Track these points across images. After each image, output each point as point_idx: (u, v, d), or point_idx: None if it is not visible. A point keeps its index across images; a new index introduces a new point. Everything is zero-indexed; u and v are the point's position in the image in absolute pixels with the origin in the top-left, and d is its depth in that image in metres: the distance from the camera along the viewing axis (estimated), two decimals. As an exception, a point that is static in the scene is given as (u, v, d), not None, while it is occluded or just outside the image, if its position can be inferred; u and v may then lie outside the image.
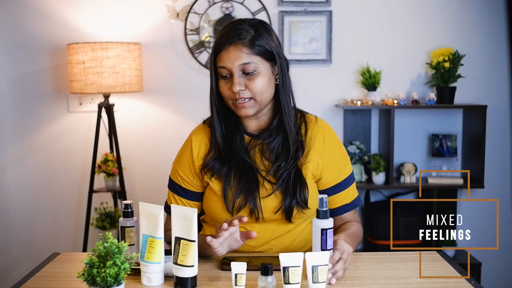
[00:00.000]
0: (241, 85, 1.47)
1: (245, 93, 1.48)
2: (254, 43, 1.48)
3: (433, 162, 3.13)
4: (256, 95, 1.48)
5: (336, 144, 1.60)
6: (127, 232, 1.43)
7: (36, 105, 3.11)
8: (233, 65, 1.47)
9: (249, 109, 1.50)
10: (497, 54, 3.11)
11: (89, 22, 3.06)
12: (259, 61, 1.48)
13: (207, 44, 3.07)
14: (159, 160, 3.14)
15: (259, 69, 1.48)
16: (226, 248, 1.42)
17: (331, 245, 1.29)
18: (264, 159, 1.54)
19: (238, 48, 1.47)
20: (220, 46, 1.48)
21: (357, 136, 3.11)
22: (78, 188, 3.16)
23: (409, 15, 3.10)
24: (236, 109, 1.51)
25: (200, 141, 1.59)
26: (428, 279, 1.33)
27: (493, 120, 3.10)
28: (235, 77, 1.47)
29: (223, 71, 1.49)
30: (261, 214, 1.51)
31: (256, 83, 1.48)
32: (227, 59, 1.47)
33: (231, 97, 1.49)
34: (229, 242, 1.42)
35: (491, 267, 3.16)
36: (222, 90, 1.51)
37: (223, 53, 1.48)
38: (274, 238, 1.55)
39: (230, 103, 1.51)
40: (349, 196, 1.60)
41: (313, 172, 1.55)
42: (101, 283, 1.09)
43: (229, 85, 1.49)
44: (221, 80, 1.51)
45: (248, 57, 1.47)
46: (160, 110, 3.12)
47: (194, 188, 1.60)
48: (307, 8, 3.07)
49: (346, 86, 3.12)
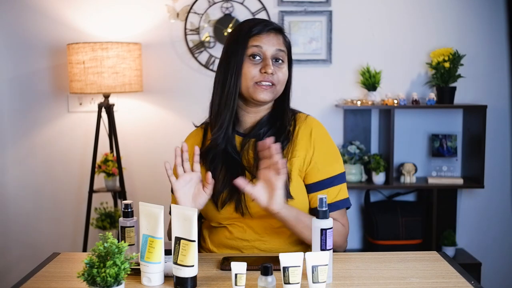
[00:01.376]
0: (273, 69, 1.53)
1: (273, 78, 1.54)
2: (286, 37, 1.61)
3: (433, 162, 3.13)
4: (279, 82, 1.55)
5: (324, 141, 1.59)
6: (127, 232, 1.43)
7: (36, 105, 3.11)
8: (270, 48, 1.54)
9: (269, 93, 1.55)
10: (497, 54, 3.11)
11: (89, 22, 3.06)
12: (286, 54, 1.59)
13: (207, 44, 3.07)
14: (159, 160, 3.13)
15: (285, 61, 1.58)
16: (189, 198, 1.47)
17: (330, 245, 1.29)
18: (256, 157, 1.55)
19: (278, 35, 1.57)
20: (260, 29, 1.55)
21: (357, 136, 3.11)
22: (78, 188, 3.16)
23: (409, 15, 3.10)
24: (257, 92, 1.53)
25: (192, 142, 1.64)
26: (428, 279, 1.33)
27: (493, 120, 3.10)
28: (268, 60, 1.53)
29: (256, 50, 1.53)
30: (247, 210, 1.53)
31: (283, 71, 1.56)
32: (267, 41, 1.54)
33: (257, 78, 1.53)
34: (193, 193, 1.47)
35: (491, 267, 3.16)
36: (247, 71, 1.54)
37: (263, 36, 1.54)
38: (265, 234, 1.55)
39: (251, 84, 1.53)
40: (332, 195, 1.56)
41: (299, 168, 1.55)
42: (101, 283, 1.09)
43: (259, 66, 1.53)
44: (248, 61, 1.54)
45: (283, 46, 1.58)
46: (160, 110, 3.12)
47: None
48: (307, 8, 3.07)
49: (346, 86, 3.12)
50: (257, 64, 1.54)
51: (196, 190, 1.48)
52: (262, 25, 1.55)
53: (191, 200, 1.48)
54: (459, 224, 3.18)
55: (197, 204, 1.48)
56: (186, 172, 1.47)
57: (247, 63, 1.54)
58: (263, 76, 1.52)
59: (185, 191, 1.47)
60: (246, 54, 1.54)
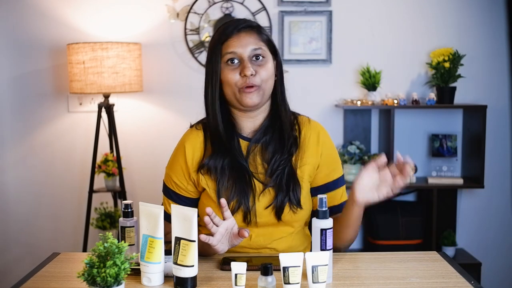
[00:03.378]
0: (252, 70, 1.47)
1: (255, 79, 1.48)
2: (261, 31, 1.53)
3: (433, 162, 3.13)
4: (263, 82, 1.49)
5: (329, 145, 1.60)
6: (127, 232, 1.43)
7: (36, 105, 3.11)
8: (244, 50, 1.48)
9: (255, 97, 1.48)
10: (497, 54, 3.11)
11: (89, 22, 3.06)
12: (266, 50, 1.52)
13: (207, 44, 3.07)
14: (159, 160, 3.14)
15: (266, 57, 1.51)
16: (226, 244, 1.41)
17: (330, 245, 1.29)
18: (264, 163, 1.53)
19: (249, 34, 1.50)
20: (229, 33, 1.49)
21: (357, 136, 3.11)
22: (78, 188, 3.16)
23: (409, 15, 3.10)
24: (243, 97, 1.48)
25: (193, 146, 1.56)
26: (428, 279, 1.33)
27: (493, 120, 3.10)
28: (246, 62, 1.47)
29: (230, 56, 1.48)
30: (255, 218, 1.50)
31: (265, 69, 1.49)
32: (238, 44, 1.48)
33: (239, 84, 1.48)
34: (228, 238, 1.41)
35: (491, 267, 3.16)
36: (227, 78, 1.49)
37: (233, 39, 1.49)
38: (272, 242, 1.54)
39: (236, 90, 1.49)
40: (337, 197, 1.58)
41: (310, 174, 1.55)
42: (101, 283, 1.09)
43: (238, 71, 1.48)
44: (227, 68, 1.49)
45: (259, 43, 1.50)
46: (160, 110, 3.12)
47: (188, 194, 1.58)
48: (307, 8, 3.07)
49: (346, 86, 3.12)
50: (236, 68, 1.48)
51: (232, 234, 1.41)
52: (231, 28, 1.49)
53: (228, 245, 1.42)
54: (459, 224, 3.18)
55: (232, 245, 1.43)
56: (219, 225, 1.37)
57: (225, 70, 1.49)
58: (244, 79, 1.47)
59: (223, 240, 1.40)
60: (222, 61, 1.50)
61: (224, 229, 1.39)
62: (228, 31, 1.49)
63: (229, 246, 1.43)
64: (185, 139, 1.59)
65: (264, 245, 1.55)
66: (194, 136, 1.58)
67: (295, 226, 1.56)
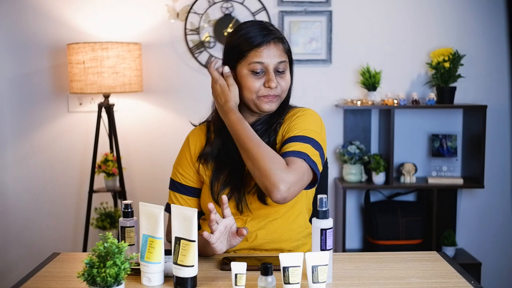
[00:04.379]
0: (276, 82, 1.50)
1: (276, 90, 1.51)
2: (285, 42, 1.55)
3: (433, 162, 3.13)
4: (283, 92, 1.53)
5: (302, 115, 1.55)
6: (127, 232, 1.43)
7: (36, 105, 3.11)
8: (271, 62, 1.49)
9: (275, 104, 1.53)
10: (497, 54, 3.11)
11: (89, 22, 3.06)
12: (287, 61, 1.54)
13: (207, 44, 3.07)
14: (159, 160, 3.14)
15: (287, 68, 1.54)
16: (225, 244, 1.43)
17: (330, 245, 1.29)
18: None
19: (277, 45, 1.51)
20: (260, 42, 1.49)
21: (357, 136, 3.11)
22: (78, 188, 3.16)
23: (409, 15, 3.10)
24: (262, 104, 1.51)
25: (196, 139, 1.64)
26: (428, 279, 1.33)
27: (493, 120, 3.10)
28: (271, 74, 1.49)
29: (259, 66, 1.49)
30: (247, 207, 1.53)
31: (286, 81, 1.53)
32: (267, 55, 1.49)
33: (262, 92, 1.50)
34: (227, 238, 1.43)
35: (491, 267, 3.16)
36: (249, 84, 1.50)
37: (263, 49, 1.49)
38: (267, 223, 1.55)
39: (255, 97, 1.51)
40: (297, 147, 1.45)
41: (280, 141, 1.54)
42: (101, 283, 1.09)
43: (262, 81, 1.50)
44: (251, 75, 1.50)
45: (283, 56, 1.52)
46: (160, 110, 3.12)
47: (193, 184, 1.63)
48: (307, 8, 3.07)
49: (346, 86, 3.12)
50: (260, 78, 1.50)
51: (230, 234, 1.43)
52: (261, 36, 1.49)
53: (226, 245, 1.44)
54: (459, 224, 3.18)
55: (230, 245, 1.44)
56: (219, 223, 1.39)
57: (249, 76, 1.50)
58: (267, 90, 1.50)
59: (222, 239, 1.42)
60: (247, 67, 1.50)
61: (224, 227, 1.41)
62: (258, 39, 1.49)
63: (228, 246, 1.44)
64: (190, 134, 1.68)
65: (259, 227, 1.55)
66: (197, 131, 1.66)
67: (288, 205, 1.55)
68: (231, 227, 1.43)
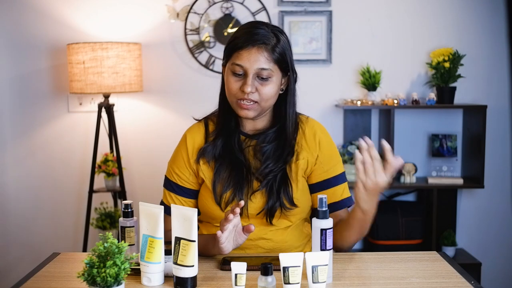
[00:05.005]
0: (252, 88, 1.47)
1: (253, 96, 1.48)
2: (275, 50, 1.49)
3: (433, 162, 3.13)
4: (262, 100, 1.50)
5: (327, 142, 1.60)
6: (127, 232, 1.43)
7: (36, 105, 3.11)
8: (251, 67, 1.47)
9: (251, 112, 1.50)
10: (497, 54, 3.11)
11: (89, 22, 3.06)
12: (275, 70, 1.50)
13: (207, 44, 3.07)
14: (159, 160, 3.14)
15: (272, 77, 1.49)
16: (231, 243, 1.42)
17: (330, 245, 1.29)
18: (256, 159, 1.56)
19: (260, 51, 1.47)
20: (242, 44, 1.48)
21: (357, 136, 3.11)
22: (78, 188, 3.16)
23: (409, 15, 3.10)
24: (238, 109, 1.51)
25: (194, 138, 1.61)
26: (428, 279, 1.33)
27: (493, 120, 3.10)
28: (249, 79, 1.47)
29: (238, 69, 1.48)
30: (247, 211, 1.53)
31: (267, 89, 1.49)
32: (247, 59, 1.47)
33: (238, 95, 1.49)
34: (234, 236, 1.42)
35: (491, 267, 3.16)
36: (229, 86, 1.50)
37: (243, 52, 1.47)
38: (268, 232, 1.55)
39: (234, 100, 1.51)
40: (338, 194, 1.58)
41: (304, 169, 1.56)
42: (101, 283, 1.09)
43: (240, 83, 1.49)
44: (232, 76, 1.50)
45: (267, 63, 1.48)
46: (160, 110, 3.12)
47: (190, 185, 1.61)
48: (307, 8, 3.07)
49: (346, 86, 3.12)
50: (239, 80, 1.49)
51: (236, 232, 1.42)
52: (245, 38, 1.47)
53: (233, 245, 1.43)
54: (459, 224, 3.18)
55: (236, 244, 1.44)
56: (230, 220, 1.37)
57: (229, 77, 1.50)
58: (243, 94, 1.47)
59: (229, 239, 1.41)
60: (229, 68, 1.50)
61: (232, 225, 1.40)
62: (241, 42, 1.48)
63: (234, 246, 1.43)
64: (187, 132, 1.64)
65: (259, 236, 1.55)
66: (195, 129, 1.63)
67: (292, 220, 1.57)
68: (237, 226, 1.42)
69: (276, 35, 1.50)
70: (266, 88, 1.49)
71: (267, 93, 1.49)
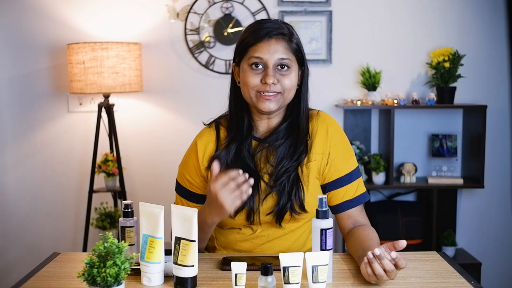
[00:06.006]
0: (274, 79, 1.47)
1: (276, 87, 1.48)
2: (292, 41, 1.50)
3: (433, 162, 3.13)
4: (285, 90, 1.49)
5: (339, 137, 1.58)
6: (127, 232, 1.43)
7: (36, 105, 3.11)
8: (271, 57, 1.47)
9: (273, 103, 1.49)
10: (497, 54, 3.11)
11: (89, 22, 3.06)
12: (293, 60, 1.50)
13: (207, 44, 3.07)
14: (159, 160, 3.14)
15: (292, 67, 1.50)
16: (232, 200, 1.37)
17: (330, 245, 1.29)
18: (268, 164, 1.53)
19: (279, 41, 1.48)
20: (260, 37, 1.47)
21: (357, 136, 3.11)
22: (78, 188, 3.16)
23: (409, 15, 3.10)
24: (259, 102, 1.49)
25: (205, 144, 1.57)
26: (428, 279, 1.33)
27: (493, 120, 3.10)
28: (270, 69, 1.47)
29: (257, 61, 1.47)
30: (258, 218, 1.51)
31: (288, 79, 1.49)
32: (267, 50, 1.47)
33: (259, 88, 1.48)
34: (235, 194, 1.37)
35: (491, 267, 3.16)
36: (249, 80, 1.48)
37: (262, 44, 1.47)
38: (267, 241, 1.55)
39: (253, 94, 1.49)
40: (351, 191, 1.56)
41: (317, 171, 1.55)
42: (101, 283, 1.09)
43: (260, 76, 1.48)
44: (250, 71, 1.49)
45: (287, 53, 1.49)
46: (160, 110, 3.12)
47: (201, 192, 1.58)
48: (307, 8, 3.07)
49: (346, 86, 3.12)
50: (259, 73, 1.48)
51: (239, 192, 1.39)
52: (263, 32, 1.47)
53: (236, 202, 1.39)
54: (459, 224, 3.18)
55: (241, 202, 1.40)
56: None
57: (248, 72, 1.49)
58: (265, 86, 1.47)
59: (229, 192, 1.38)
60: (247, 63, 1.49)
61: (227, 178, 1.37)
62: (259, 35, 1.48)
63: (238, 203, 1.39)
64: (197, 138, 1.61)
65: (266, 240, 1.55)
66: (206, 134, 1.60)
67: (302, 223, 1.56)
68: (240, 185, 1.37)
69: (288, 27, 1.52)
70: (288, 78, 1.49)
71: (289, 83, 1.49)
